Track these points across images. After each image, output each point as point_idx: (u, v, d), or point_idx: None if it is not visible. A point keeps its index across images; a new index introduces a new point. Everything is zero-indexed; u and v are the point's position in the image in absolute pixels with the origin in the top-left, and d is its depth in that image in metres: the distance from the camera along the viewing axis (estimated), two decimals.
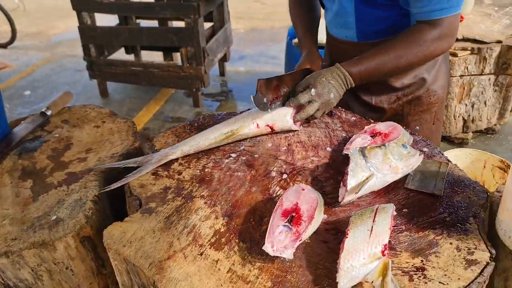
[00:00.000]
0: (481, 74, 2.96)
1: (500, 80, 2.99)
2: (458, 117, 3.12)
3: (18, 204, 1.26)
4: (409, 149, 1.15)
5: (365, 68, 1.33)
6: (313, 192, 1.02)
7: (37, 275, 1.17)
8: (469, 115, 3.12)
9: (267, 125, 1.35)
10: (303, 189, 1.02)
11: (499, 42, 2.87)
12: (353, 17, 1.46)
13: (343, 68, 1.33)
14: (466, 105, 3.07)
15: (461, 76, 2.94)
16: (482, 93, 3.03)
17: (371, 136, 1.25)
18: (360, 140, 1.23)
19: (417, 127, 1.32)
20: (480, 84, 2.99)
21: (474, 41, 2.91)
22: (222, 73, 4.69)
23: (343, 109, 1.49)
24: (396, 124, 1.28)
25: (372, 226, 0.91)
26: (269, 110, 1.34)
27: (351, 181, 1.06)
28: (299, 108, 1.34)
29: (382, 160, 1.10)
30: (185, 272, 0.93)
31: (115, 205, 1.33)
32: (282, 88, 1.38)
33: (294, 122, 1.35)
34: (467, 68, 2.91)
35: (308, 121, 1.40)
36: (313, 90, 1.31)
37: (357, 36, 1.50)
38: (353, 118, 1.45)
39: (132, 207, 1.18)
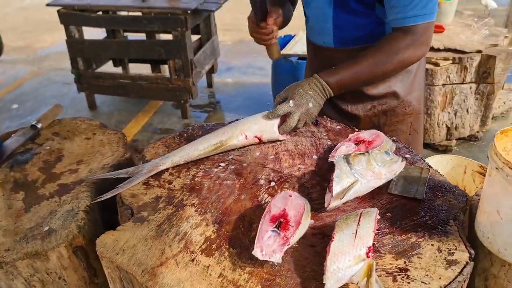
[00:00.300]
0: (462, 83, 3.04)
1: (481, 88, 3.08)
2: (442, 124, 3.20)
3: (10, 215, 1.28)
4: (391, 155, 1.19)
5: (343, 77, 1.37)
6: (300, 198, 1.06)
7: (30, 285, 1.19)
8: (452, 123, 3.20)
9: (255, 136, 1.38)
10: (291, 196, 1.06)
11: (479, 51, 2.96)
12: (331, 23, 1.50)
13: (321, 79, 1.37)
14: (449, 113, 3.15)
15: (443, 85, 3.02)
16: (464, 101, 3.11)
17: (355, 144, 1.29)
18: (344, 148, 1.28)
19: (394, 138, 1.36)
20: (462, 92, 3.07)
21: (455, 51, 3.00)
22: (209, 84, 4.73)
23: (329, 119, 1.54)
24: (379, 132, 1.32)
25: (356, 230, 0.94)
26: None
27: (336, 187, 1.10)
28: (284, 118, 1.38)
29: (366, 166, 1.14)
30: (177, 278, 0.96)
31: (106, 215, 1.35)
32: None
33: (280, 133, 1.39)
34: (449, 77, 2.99)
35: (294, 130, 1.44)
36: (291, 101, 1.34)
37: (334, 42, 1.54)
38: (338, 127, 1.50)
39: (124, 216, 1.20)
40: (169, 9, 3.63)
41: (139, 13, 3.84)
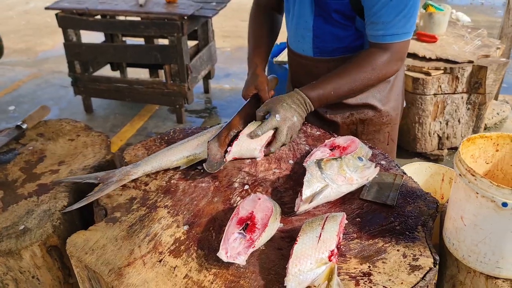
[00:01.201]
0: (454, 93, 3.05)
1: (473, 98, 3.09)
2: (433, 134, 3.20)
3: None
4: (364, 161, 1.20)
5: (323, 91, 1.39)
6: (269, 202, 1.07)
7: (3, 284, 1.20)
8: (443, 132, 3.21)
9: (234, 158, 1.34)
10: (259, 199, 1.07)
11: (470, 62, 2.97)
12: (311, 33, 1.52)
13: (302, 93, 1.39)
14: (440, 122, 3.16)
15: (435, 94, 3.03)
16: (455, 111, 3.12)
17: (330, 149, 1.30)
18: (319, 153, 1.29)
19: (370, 145, 1.37)
20: (453, 102, 3.08)
21: (447, 61, 3.01)
22: (206, 90, 4.75)
23: (309, 124, 1.55)
24: (355, 138, 1.33)
25: (320, 233, 0.95)
26: (221, 167, 1.29)
27: (306, 191, 1.11)
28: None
29: (337, 171, 1.15)
30: (143, 278, 0.97)
31: (85, 215, 1.36)
32: (231, 134, 1.37)
33: (265, 154, 1.36)
34: (441, 87, 3.00)
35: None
36: (277, 115, 1.33)
37: (313, 51, 1.56)
38: (318, 132, 1.51)
39: (99, 216, 1.21)
40: (166, 14, 3.66)
41: (138, 18, 3.87)
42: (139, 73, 4.84)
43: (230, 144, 1.33)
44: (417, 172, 1.51)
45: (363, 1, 1.35)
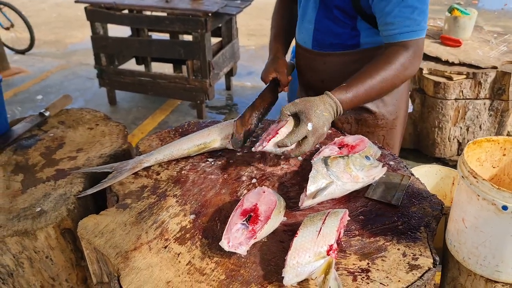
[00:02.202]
0: (476, 98, 3.01)
1: (495, 105, 3.03)
2: (453, 139, 3.16)
3: (8, 195, 1.35)
4: (372, 160, 1.21)
5: (355, 94, 1.32)
6: (273, 195, 1.09)
7: (18, 262, 1.25)
8: (464, 138, 3.16)
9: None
10: (264, 192, 1.09)
11: (494, 67, 2.92)
12: (312, 25, 1.54)
13: (335, 97, 1.30)
14: (461, 128, 3.11)
15: (456, 99, 2.99)
16: (477, 117, 3.07)
17: (339, 148, 1.32)
18: (328, 151, 1.30)
19: (380, 145, 1.37)
20: (475, 108, 3.04)
21: (470, 66, 2.97)
22: (228, 87, 4.80)
23: None
24: (364, 137, 1.34)
25: (321, 228, 0.97)
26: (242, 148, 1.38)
27: (311, 187, 1.13)
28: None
29: (343, 169, 1.17)
30: (148, 262, 1.01)
31: (99, 201, 1.42)
32: (254, 115, 1.41)
33: (286, 157, 1.35)
34: (462, 91, 2.96)
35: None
36: (309, 124, 1.22)
37: (312, 44, 1.58)
38: (329, 131, 1.52)
39: (111, 202, 1.26)
40: (191, 10, 3.71)
41: (164, 14, 3.93)
42: (163, 68, 4.92)
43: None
44: (427, 175, 1.51)
45: (373, 6, 1.35)
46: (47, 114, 1.77)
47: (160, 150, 1.37)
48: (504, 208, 0.86)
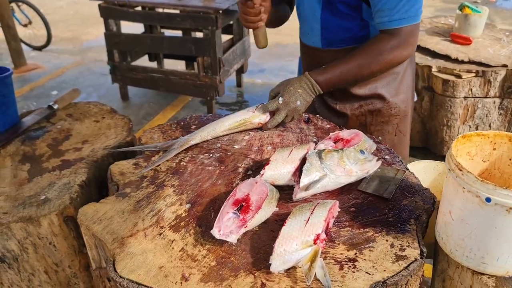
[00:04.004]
0: (485, 97, 2.98)
1: (505, 103, 3.01)
2: None
3: (14, 184, 1.41)
4: (366, 154, 1.23)
5: (331, 76, 1.46)
6: (265, 186, 1.12)
7: (23, 247, 1.30)
8: None
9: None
10: (256, 182, 1.12)
11: (504, 66, 2.89)
12: (319, 25, 1.58)
13: (310, 77, 1.47)
14: (470, 126, 3.09)
15: (465, 97, 2.97)
16: (486, 116, 3.05)
17: (334, 142, 1.34)
18: (323, 145, 1.32)
19: (380, 138, 1.42)
20: (484, 106, 3.01)
21: (480, 64, 2.95)
22: (239, 84, 4.83)
23: (320, 117, 1.59)
24: (359, 131, 1.36)
25: (309, 217, 1.00)
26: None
27: (304, 179, 1.15)
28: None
29: (337, 162, 1.19)
30: (143, 248, 1.05)
31: (103, 191, 1.46)
32: None
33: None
34: (471, 90, 2.94)
35: (282, 125, 1.53)
36: (280, 99, 1.46)
37: (321, 42, 1.62)
38: (328, 125, 1.54)
39: (111, 191, 1.30)
40: (202, 8, 3.75)
41: (176, 11, 3.98)
42: (176, 65, 4.98)
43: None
44: (425, 171, 1.51)
45: None
46: (55, 107, 1.83)
47: (204, 128, 1.47)
48: (488, 200, 0.87)
